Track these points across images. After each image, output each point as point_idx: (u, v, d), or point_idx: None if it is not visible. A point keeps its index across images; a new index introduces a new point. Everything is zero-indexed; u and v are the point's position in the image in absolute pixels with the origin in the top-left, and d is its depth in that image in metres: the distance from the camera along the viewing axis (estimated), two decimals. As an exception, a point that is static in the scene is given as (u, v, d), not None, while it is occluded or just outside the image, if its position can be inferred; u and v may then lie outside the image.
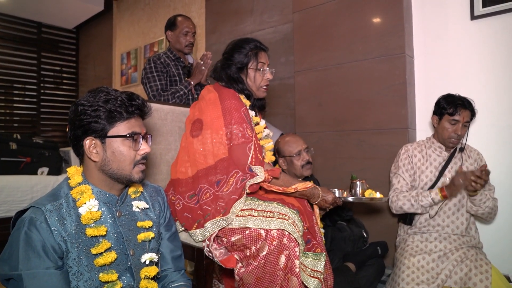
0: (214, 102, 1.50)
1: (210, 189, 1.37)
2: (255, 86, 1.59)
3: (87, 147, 1.02)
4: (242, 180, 1.34)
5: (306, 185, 1.49)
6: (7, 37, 4.98)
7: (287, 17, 2.92)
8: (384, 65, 2.27)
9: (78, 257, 0.97)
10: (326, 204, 1.55)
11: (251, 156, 1.41)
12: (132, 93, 1.09)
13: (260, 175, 1.37)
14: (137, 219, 1.14)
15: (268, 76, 1.60)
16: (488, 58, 2.05)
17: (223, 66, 1.59)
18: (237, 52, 1.57)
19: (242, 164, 1.39)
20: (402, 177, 1.88)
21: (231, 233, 1.30)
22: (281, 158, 1.97)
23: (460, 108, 1.76)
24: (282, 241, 1.23)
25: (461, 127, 1.77)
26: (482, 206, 1.72)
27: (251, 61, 1.56)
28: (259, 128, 1.62)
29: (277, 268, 1.22)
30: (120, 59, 4.97)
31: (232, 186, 1.34)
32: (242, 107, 1.49)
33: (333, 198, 1.54)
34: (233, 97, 1.50)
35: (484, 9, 2.04)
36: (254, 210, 1.32)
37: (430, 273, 1.67)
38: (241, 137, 1.42)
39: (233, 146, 1.41)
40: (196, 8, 3.84)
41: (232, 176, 1.36)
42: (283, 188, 1.45)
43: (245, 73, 1.58)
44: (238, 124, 1.43)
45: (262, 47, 1.61)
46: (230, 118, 1.44)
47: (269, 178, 1.41)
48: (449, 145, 1.82)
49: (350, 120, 2.43)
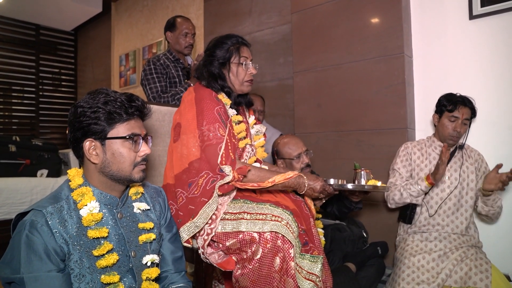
0: (191, 104, 1.48)
1: (184, 193, 1.35)
2: (238, 81, 1.56)
3: (86, 149, 1.02)
4: (212, 182, 1.31)
5: (287, 176, 1.39)
6: (5, 39, 4.97)
7: (286, 18, 2.93)
8: (382, 66, 2.27)
9: (80, 259, 0.97)
10: (315, 193, 1.46)
11: (221, 155, 1.36)
12: (131, 94, 1.08)
13: (229, 175, 1.32)
14: (138, 220, 1.14)
15: (252, 70, 1.56)
16: (487, 57, 2.06)
17: (205, 63, 1.56)
18: (219, 48, 1.54)
19: (213, 164, 1.35)
20: (398, 172, 1.90)
21: (225, 238, 1.29)
22: (279, 159, 1.95)
23: (459, 105, 1.78)
24: (276, 243, 1.22)
25: (460, 124, 1.78)
26: (494, 206, 1.74)
27: (233, 55, 1.53)
28: (242, 126, 1.57)
29: (273, 271, 1.21)
30: (119, 61, 4.96)
31: (202, 187, 1.31)
32: (216, 106, 1.45)
33: (321, 186, 1.45)
34: (207, 97, 1.46)
35: (483, 9, 2.05)
36: (247, 213, 1.29)
37: (430, 273, 1.67)
38: (213, 138, 1.38)
39: (205, 147, 1.38)
40: (195, 9, 3.85)
41: (201, 177, 1.33)
42: (258, 183, 1.38)
43: (227, 69, 1.55)
44: (210, 124, 1.40)
45: (244, 42, 1.58)
46: (202, 118, 1.41)
47: (239, 177, 1.36)
48: (449, 143, 1.83)
49: (349, 120, 2.43)
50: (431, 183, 1.72)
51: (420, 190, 1.75)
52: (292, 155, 1.88)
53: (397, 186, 1.84)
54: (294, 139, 1.94)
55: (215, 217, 1.32)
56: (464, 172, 1.82)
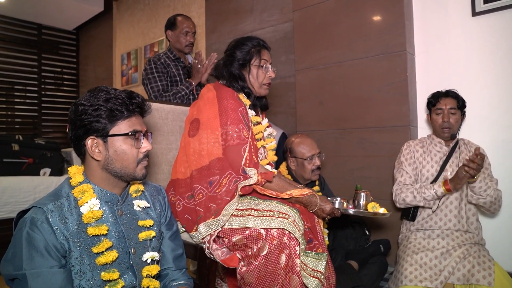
0: (212, 102, 1.49)
1: (203, 190, 1.36)
2: (257, 84, 1.58)
3: (89, 147, 1.02)
4: (235, 182, 1.33)
5: (303, 192, 1.42)
6: (7, 39, 4.99)
7: (287, 15, 2.92)
8: (385, 63, 2.27)
9: (80, 256, 0.97)
10: (324, 214, 1.48)
11: (245, 158, 1.38)
12: (131, 91, 1.09)
13: (253, 178, 1.35)
14: (138, 218, 1.14)
15: (271, 74, 1.59)
16: (490, 54, 2.05)
17: (225, 63, 1.59)
18: (240, 49, 1.57)
19: (236, 165, 1.37)
20: (405, 171, 1.89)
21: (231, 234, 1.29)
22: (292, 157, 1.95)
23: (440, 97, 1.85)
24: (282, 240, 1.23)
25: (447, 114, 1.81)
26: (482, 194, 1.69)
27: (254, 58, 1.56)
28: (259, 128, 1.61)
29: (278, 267, 1.22)
30: (121, 59, 4.97)
31: (225, 187, 1.32)
32: (239, 107, 1.47)
33: (331, 209, 1.48)
34: (231, 97, 1.48)
35: (486, 5, 2.04)
36: (254, 209, 1.30)
37: (433, 270, 1.67)
38: (236, 138, 1.40)
39: (228, 147, 1.40)
40: (196, 7, 3.84)
41: (225, 177, 1.35)
42: (277, 193, 1.41)
43: (247, 70, 1.57)
44: (234, 125, 1.42)
45: (265, 45, 1.61)
46: (226, 118, 1.43)
47: (262, 181, 1.39)
48: (444, 136, 1.84)
49: (351, 118, 2.43)
50: (448, 190, 1.68)
51: (435, 194, 1.72)
52: (305, 155, 1.90)
53: (409, 187, 1.81)
54: (308, 140, 1.96)
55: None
56: (465, 167, 1.81)
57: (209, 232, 1.29)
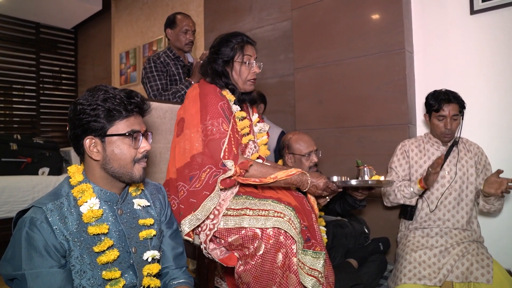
0: (195, 99, 1.49)
1: (185, 186, 1.36)
2: (241, 80, 1.56)
3: (87, 146, 1.02)
4: (215, 176, 1.32)
5: (289, 172, 1.38)
6: (5, 38, 4.97)
7: (286, 14, 2.92)
8: (383, 61, 2.27)
9: (81, 256, 0.97)
10: (318, 191, 1.45)
11: (224, 150, 1.36)
12: (131, 90, 1.08)
13: (231, 169, 1.33)
14: (138, 217, 1.14)
15: (255, 69, 1.57)
16: (488, 52, 2.05)
17: (209, 60, 1.57)
18: (224, 45, 1.55)
19: (216, 159, 1.36)
20: (394, 171, 1.92)
21: (227, 234, 1.29)
22: (289, 154, 1.96)
23: (443, 103, 1.77)
24: (278, 239, 1.22)
25: (449, 121, 1.77)
26: (495, 204, 1.74)
27: (237, 54, 1.54)
28: (245, 123, 1.57)
29: (275, 266, 1.21)
30: (119, 58, 4.96)
31: (204, 181, 1.32)
32: (220, 101, 1.45)
33: (324, 183, 1.43)
34: (211, 93, 1.47)
35: (484, 4, 2.04)
36: (249, 209, 1.30)
37: (432, 268, 1.67)
38: (216, 132, 1.38)
39: (209, 142, 1.39)
40: (195, 6, 3.84)
41: (204, 171, 1.34)
42: (260, 179, 1.38)
43: (231, 67, 1.55)
44: (213, 119, 1.40)
45: (248, 41, 1.58)
46: (206, 113, 1.42)
47: (241, 171, 1.36)
48: (445, 140, 1.84)
49: (350, 116, 2.43)
50: (423, 187, 1.76)
51: (412, 192, 1.78)
52: (302, 152, 1.90)
53: (393, 186, 1.86)
54: (306, 137, 1.97)
55: (217, 213, 1.32)
56: (463, 166, 1.82)
57: (191, 228, 1.28)
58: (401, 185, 1.83)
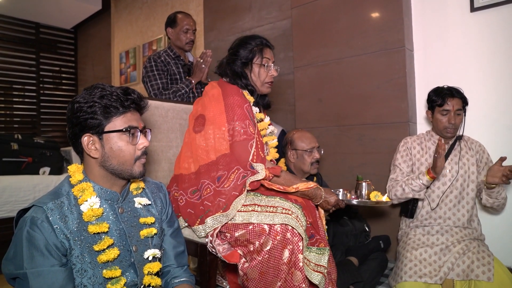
0: (217, 98, 1.51)
1: (211, 185, 1.38)
2: (259, 82, 1.60)
3: (85, 144, 1.02)
4: (243, 177, 1.35)
5: (308, 185, 1.46)
6: (5, 38, 4.98)
7: (286, 13, 2.92)
8: (383, 59, 2.27)
9: (81, 254, 0.97)
10: (328, 206, 1.52)
11: (253, 153, 1.41)
12: (127, 87, 1.08)
13: (261, 173, 1.37)
14: (139, 215, 1.14)
15: (273, 72, 1.61)
16: (488, 50, 2.05)
17: (228, 62, 1.61)
18: (243, 47, 1.59)
19: (243, 161, 1.39)
20: (399, 168, 1.91)
21: (234, 229, 1.30)
22: (292, 150, 1.99)
23: (447, 97, 1.79)
24: (285, 235, 1.23)
25: (453, 115, 1.78)
26: (498, 198, 1.72)
27: (256, 56, 1.58)
28: (263, 124, 1.63)
29: (281, 263, 1.22)
30: (119, 58, 4.96)
31: (233, 182, 1.34)
32: (245, 103, 1.49)
33: (336, 200, 1.51)
34: (236, 94, 1.50)
35: (484, 1, 2.03)
36: (257, 205, 1.32)
37: (433, 266, 1.68)
38: (243, 134, 1.42)
39: (235, 143, 1.42)
40: (194, 5, 3.83)
41: (233, 172, 1.36)
42: (284, 187, 1.44)
43: (249, 69, 1.59)
44: (241, 121, 1.44)
45: (267, 44, 1.63)
46: (233, 114, 1.45)
47: (270, 176, 1.41)
48: (447, 136, 1.83)
49: (350, 115, 2.43)
50: (432, 177, 1.71)
51: (421, 184, 1.74)
52: (305, 148, 1.96)
53: (399, 181, 1.83)
54: (308, 134, 2.03)
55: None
56: (464, 164, 1.82)
57: (216, 225, 1.30)
58: (408, 178, 1.80)
